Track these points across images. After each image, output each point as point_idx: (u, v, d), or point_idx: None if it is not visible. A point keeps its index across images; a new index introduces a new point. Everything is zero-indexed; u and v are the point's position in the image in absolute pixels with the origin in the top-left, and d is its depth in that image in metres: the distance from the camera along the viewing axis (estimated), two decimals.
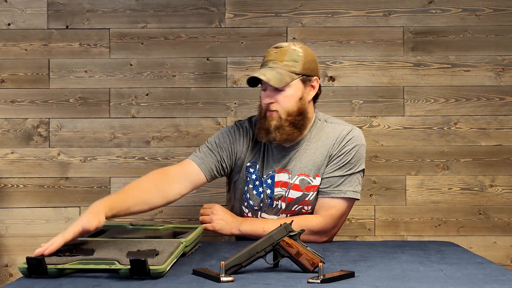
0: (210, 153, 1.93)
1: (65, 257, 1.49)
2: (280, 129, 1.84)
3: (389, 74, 2.46)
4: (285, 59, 1.84)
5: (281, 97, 1.84)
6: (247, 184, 1.96)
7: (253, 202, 1.95)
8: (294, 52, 1.85)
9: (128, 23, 2.48)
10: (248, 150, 1.95)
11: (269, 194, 1.93)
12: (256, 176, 1.94)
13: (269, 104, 1.85)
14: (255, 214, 1.97)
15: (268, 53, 1.88)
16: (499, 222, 2.44)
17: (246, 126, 1.98)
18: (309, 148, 1.92)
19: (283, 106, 1.84)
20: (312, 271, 1.48)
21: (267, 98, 1.85)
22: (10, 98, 2.47)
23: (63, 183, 2.47)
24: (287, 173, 1.92)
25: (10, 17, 2.48)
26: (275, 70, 1.82)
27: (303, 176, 1.91)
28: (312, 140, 1.92)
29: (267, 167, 1.93)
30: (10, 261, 2.47)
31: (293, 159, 1.92)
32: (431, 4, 2.46)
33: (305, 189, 1.90)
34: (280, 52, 1.85)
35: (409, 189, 2.45)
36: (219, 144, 1.95)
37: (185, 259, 1.67)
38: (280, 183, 1.92)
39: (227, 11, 2.48)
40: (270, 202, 1.94)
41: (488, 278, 1.42)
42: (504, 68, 2.45)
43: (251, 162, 1.95)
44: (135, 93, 2.47)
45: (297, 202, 1.92)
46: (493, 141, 2.45)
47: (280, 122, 1.84)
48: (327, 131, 1.93)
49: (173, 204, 2.44)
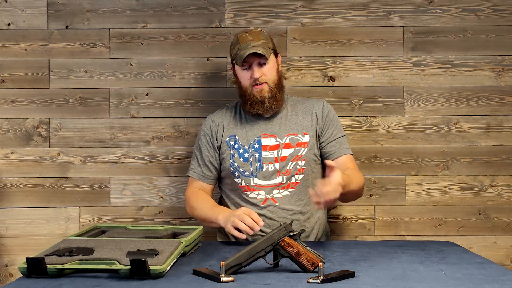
0: (203, 165, 2.16)
1: (65, 257, 1.49)
2: (273, 98, 2.09)
3: (389, 74, 2.46)
4: (261, 38, 2.10)
5: (266, 69, 2.09)
6: (231, 156, 2.11)
7: (242, 168, 2.09)
8: (263, 33, 2.13)
9: (128, 23, 2.48)
10: (223, 130, 2.16)
11: (257, 158, 2.09)
12: (238, 145, 2.12)
13: (257, 78, 2.07)
14: (248, 183, 2.08)
15: (242, 38, 2.10)
16: (499, 222, 2.44)
17: (212, 119, 2.19)
18: (290, 114, 2.15)
19: (269, 77, 2.09)
20: (312, 271, 1.48)
21: (257, 72, 2.07)
22: (10, 98, 2.47)
23: (63, 183, 2.47)
24: (274, 137, 2.11)
25: (10, 17, 2.48)
26: (260, 47, 2.06)
27: (292, 136, 2.11)
28: (291, 109, 2.17)
29: (250, 135, 2.12)
30: (10, 261, 2.47)
31: (277, 124, 2.13)
32: (431, 4, 2.46)
33: (296, 145, 2.10)
34: (254, 34, 2.11)
35: (409, 189, 2.45)
36: (203, 152, 2.16)
37: (185, 259, 1.67)
38: (268, 147, 2.10)
39: (227, 11, 2.48)
40: (260, 166, 2.08)
41: (488, 278, 1.42)
42: (504, 68, 2.45)
43: (229, 136, 2.15)
44: (135, 93, 2.47)
45: (291, 159, 2.08)
46: (493, 141, 2.45)
47: (271, 92, 2.08)
48: (302, 101, 2.20)
49: (173, 204, 2.46)
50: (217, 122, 2.18)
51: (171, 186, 2.47)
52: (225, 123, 2.17)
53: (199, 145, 2.18)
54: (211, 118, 2.20)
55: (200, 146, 2.17)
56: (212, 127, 2.17)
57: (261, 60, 2.07)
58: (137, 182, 2.47)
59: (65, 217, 2.46)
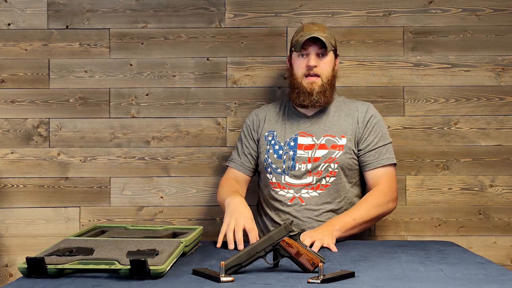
0: (242, 155, 2.19)
1: (65, 257, 1.49)
2: (322, 93, 2.07)
3: (389, 74, 2.46)
4: (326, 32, 2.10)
5: (322, 63, 2.07)
6: (267, 151, 2.13)
7: (275, 165, 2.10)
8: (328, 29, 2.14)
9: (128, 23, 2.48)
10: (264, 124, 2.18)
11: (291, 156, 2.08)
12: (275, 141, 2.12)
13: (312, 68, 2.05)
14: (279, 180, 2.09)
15: (307, 26, 2.11)
16: (499, 222, 2.44)
17: (256, 113, 2.23)
18: (333, 114, 2.13)
19: (323, 71, 2.07)
20: (312, 271, 1.48)
21: (312, 61, 2.05)
22: (10, 98, 2.47)
23: (63, 183, 2.46)
24: (311, 136, 2.09)
25: (10, 17, 2.48)
26: (323, 37, 2.04)
27: (329, 137, 2.09)
28: (334, 109, 2.14)
29: (288, 132, 2.12)
30: (10, 261, 2.47)
31: (316, 123, 2.12)
32: (431, 4, 2.46)
33: (331, 147, 2.07)
34: (320, 26, 2.11)
35: (409, 189, 2.45)
36: (243, 143, 2.20)
37: (185, 259, 1.67)
38: (303, 146, 2.09)
39: (227, 11, 2.48)
40: (292, 164, 2.07)
41: (488, 278, 1.42)
42: (504, 68, 2.45)
43: (268, 131, 2.16)
44: (135, 93, 2.47)
45: (324, 160, 2.06)
46: (493, 141, 2.45)
47: (323, 87, 2.06)
48: (347, 103, 2.18)
49: (173, 204, 2.46)
50: (260, 116, 2.21)
51: (171, 186, 2.47)
52: (267, 118, 2.20)
53: (241, 137, 2.23)
54: (255, 112, 2.25)
55: (242, 137, 2.22)
56: (255, 121, 2.21)
57: (320, 52, 2.06)
58: (137, 182, 2.47)
59: (65, 217, 2.46)
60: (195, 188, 2.45)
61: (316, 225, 2.02)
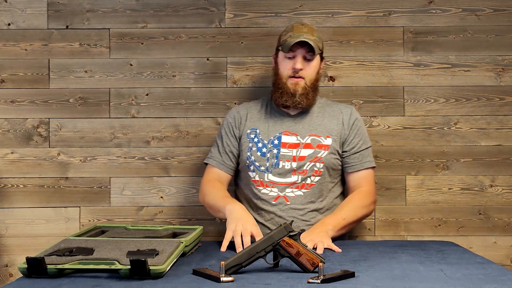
0: (223, 153, 2.17)
1: (65, 257, 1.49)
2: (305, 95, 2.08)
3: (389, 74, 2.46)
4: (315, 35, 2.10)
5: (308, 66, 2.09)
6: (249, 149, 2.12)
7: (258, 163, 2.10)
8: (317, 32, 2.14)
9: (128, 23, 2.48)
10: (246, 122, 2.17)
11: (275, 154, 2.08)
12: (258, 139, 2.12)
13: (298, 71, 2.06)
14: (262, 178, 2.09)
15: (297, 27, 2.11)
16: (499, 222, 2.44)
17: (237, 109, 2.22)
18: (317, 115, 2.15)
19: (308, 74, 2.09)
20: (312, 271, 1.48)
21: (299, 64, 2.06)
22: (10, 98, 2.47)
23: (63, 183, 2.46)
24: (295, 135, 2.10)
25: (10, 17, 2.48)
26: (312, 40, 2.05)
27: (314, 136, 2.10)
28: (318, 110, 2.16)
29: (271, 130, 2.12)
30: (10, 261, 2.47)
31: (300, 123, 2.13)
32: (431, 4, 2.46)
33: (317, 146, 2.09)
34: (309, 28, 2.12)
35: (409, 189, 2.45)
36: (224, 141, 2.17)
37: (185, 259, 1.67)
38: (287, 144, 2.10)
39: (227, 11, 2.48)
40: (276, 162, 2.08)
41: (488, 278, 1.42)
42: (504, 68, 2.45)
43: (251, 129, 2.15)
44: (135, 93, 2.47)
45: (309, 159, 2.07)
46: (493, 141, 2.45)
47: (306, 89, 2.08)
48: (330, 105, 2.20)
49: (173, 204, 2.46)
50: (242, 113, 2.20)
51: (171, 186, 2.47)
52: (249, 115, 2.19)
53: (221, 133, 2.21)
54: (236, 109, 2.23)
55: (222, 135, 2.19)
56: (236, 118, 2.19)
57: (307, 55, 2.07)
58: (137, 182, 2.47)
59: (65, 217, 2.46)
60: (195, 188, 2.45)
61: (301, 224, 2.04)
